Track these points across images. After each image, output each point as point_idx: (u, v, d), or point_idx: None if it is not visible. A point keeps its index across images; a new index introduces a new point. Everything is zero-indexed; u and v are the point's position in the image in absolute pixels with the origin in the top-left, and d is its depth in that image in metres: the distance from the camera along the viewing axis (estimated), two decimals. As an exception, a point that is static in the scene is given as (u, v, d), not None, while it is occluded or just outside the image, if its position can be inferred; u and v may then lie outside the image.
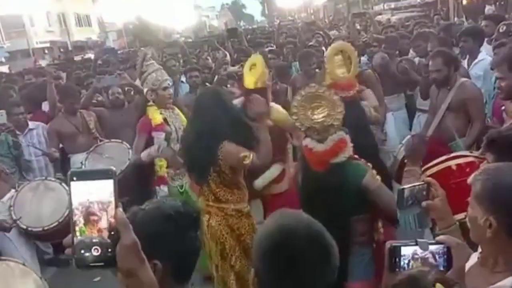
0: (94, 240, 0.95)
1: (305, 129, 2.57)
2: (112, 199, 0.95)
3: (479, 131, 4.00)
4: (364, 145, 2.98)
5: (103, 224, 0.95)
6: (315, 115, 2.54)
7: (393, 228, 2.81)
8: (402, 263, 1.30)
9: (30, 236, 3.82)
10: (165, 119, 3.93)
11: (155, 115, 3.89)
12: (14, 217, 3.69)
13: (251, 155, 2.90)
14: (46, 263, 4.04)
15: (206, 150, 2.94)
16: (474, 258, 1.54)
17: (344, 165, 2.54)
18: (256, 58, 3.31)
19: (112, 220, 0.95)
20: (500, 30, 5.22)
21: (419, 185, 1.66)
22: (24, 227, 3.69)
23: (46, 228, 3.67)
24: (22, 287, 2.40)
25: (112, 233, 0.95)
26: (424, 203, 1.64)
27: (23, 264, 2.73)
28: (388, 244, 1.33)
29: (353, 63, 3.48)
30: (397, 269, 1.30)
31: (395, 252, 1.31)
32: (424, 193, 1.64)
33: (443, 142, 3.85)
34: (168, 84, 4.01)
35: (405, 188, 1.65)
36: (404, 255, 1.30)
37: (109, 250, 0.95)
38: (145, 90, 3.97)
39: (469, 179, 1.50)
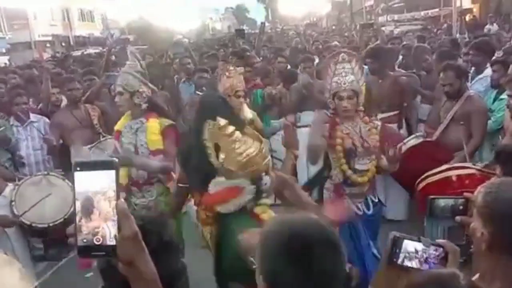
0: (96, 230, 0.97)
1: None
2: (114, 189, 0.97)
3: (477, 145, 4.04)
4: None
5: (105, 214, 0.97)
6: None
7: None
8: (401, 256, 1.28)
9: (33, 232, 3.70)
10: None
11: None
12: (16, 212, 3.58)
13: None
14: (36, 259, 3.99)
15: None
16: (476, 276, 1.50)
17: None
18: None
19: (114, 210, 0.97)
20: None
21: (457, 198, 1.62)
22: (28, 223, 3.58)
23: (51, 224, 3.56)
24: (8, 276, 2.38)
25: (114, 223, 0.97)
26: (458, 218, 1.58)
27: (5, 254, 2.70)
28: (391, 235, 1.30)
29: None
30: (394, 260, 1.28)
31: (398, 244, 1.29)
32: (461, 207, 1.60)
33: (444, 148, 3.85)
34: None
35: (440, 199, 1.62)
36: (405, 249, 1.28)
37: (110, 240, 0.97)
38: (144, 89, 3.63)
39: (476, 191, 1.49)
